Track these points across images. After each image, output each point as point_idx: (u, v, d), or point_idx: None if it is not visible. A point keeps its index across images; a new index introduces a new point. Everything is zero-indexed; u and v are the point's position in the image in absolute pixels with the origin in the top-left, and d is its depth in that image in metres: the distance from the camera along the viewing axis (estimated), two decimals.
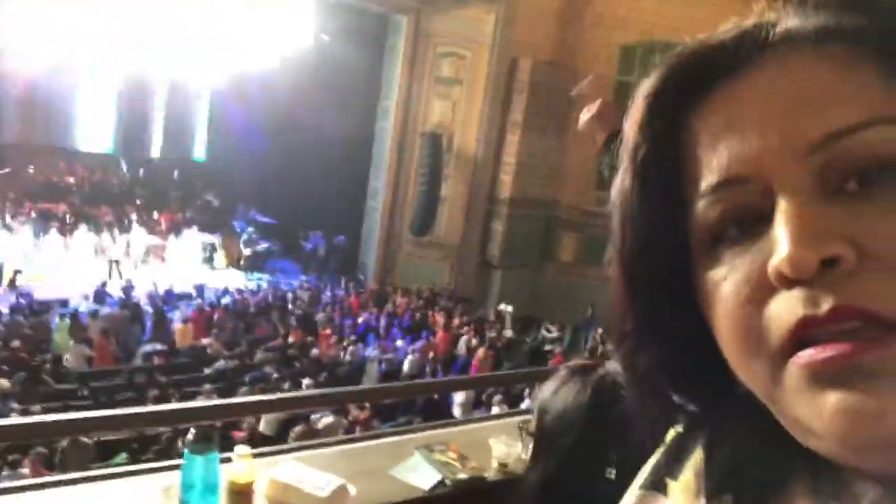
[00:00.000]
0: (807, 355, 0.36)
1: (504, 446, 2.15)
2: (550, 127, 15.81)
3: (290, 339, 11.16)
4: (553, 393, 1.02)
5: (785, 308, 0.37)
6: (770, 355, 0.38)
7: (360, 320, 12.52)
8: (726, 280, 0.41)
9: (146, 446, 6.79)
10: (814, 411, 0.36)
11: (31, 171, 17.88)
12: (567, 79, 15.89)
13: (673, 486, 0.49)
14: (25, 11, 12.67)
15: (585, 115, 1.92)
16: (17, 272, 12.85)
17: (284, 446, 2.58)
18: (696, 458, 0.49)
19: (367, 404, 7.60)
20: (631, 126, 0.46)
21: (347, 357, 10.62)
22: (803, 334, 0.37)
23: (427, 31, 15.27)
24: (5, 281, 12.75)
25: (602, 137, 1.88)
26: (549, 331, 14.06)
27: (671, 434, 0.53)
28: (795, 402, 0.38)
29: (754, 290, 0.39)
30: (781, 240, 0.37)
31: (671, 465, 0.51)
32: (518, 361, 11.21)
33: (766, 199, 0.39)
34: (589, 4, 15.84)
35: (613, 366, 1.08)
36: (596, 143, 1.92)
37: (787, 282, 0.37)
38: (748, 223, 0.40)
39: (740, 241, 0.40)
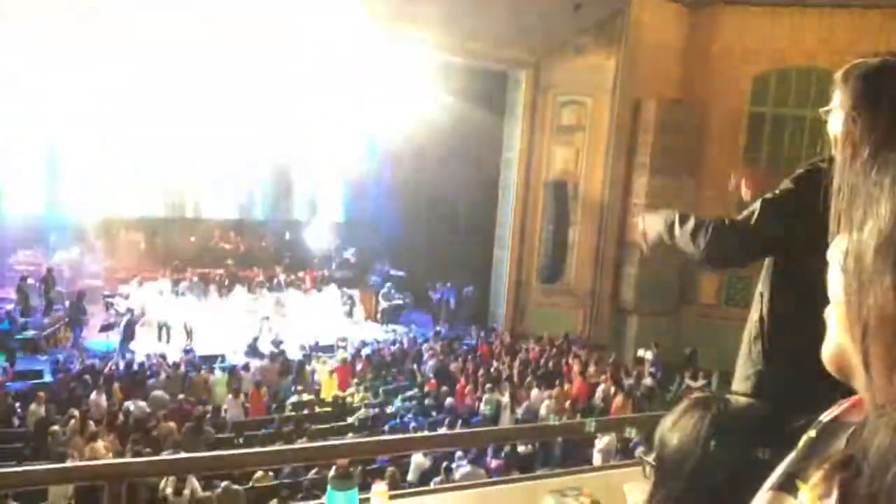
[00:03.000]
0: None
1: (640, 493, 2.09)
2: (680, 166, 15.32)
3: (426, 389, 11.37)
4: (672, 424, 1.03)
5: None
6: None
7: (493, 369, 12.52)
8: None
9: (295, 492, 7.14)
10: None
11: (192, 240, 19.82)
12: (695, 114, 15.43)
13: (804, 488, 0.51)
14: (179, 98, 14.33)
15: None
16: (179, 330, 14.19)
17: (421, 489, 2.66)
18: (831, 461, 0.50)
19: (503, 454, 7.54)
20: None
21: (482, 406, 10.63)
22: None
23: (546, 83, 15.50)
24: (172, 339, 14.10)
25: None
26: (694, 379, 13.32)
27: (804, 439, 0.54)
28: None
29: None
30: None
31: (803, 468, 0.52)
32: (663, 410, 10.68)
33: None
34: (715, 39, 15.40)
35: (735, 398, 1.07)
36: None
37: None
38: None
39: None
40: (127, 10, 11.51)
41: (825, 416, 0.54)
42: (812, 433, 0.54)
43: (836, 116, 1.29)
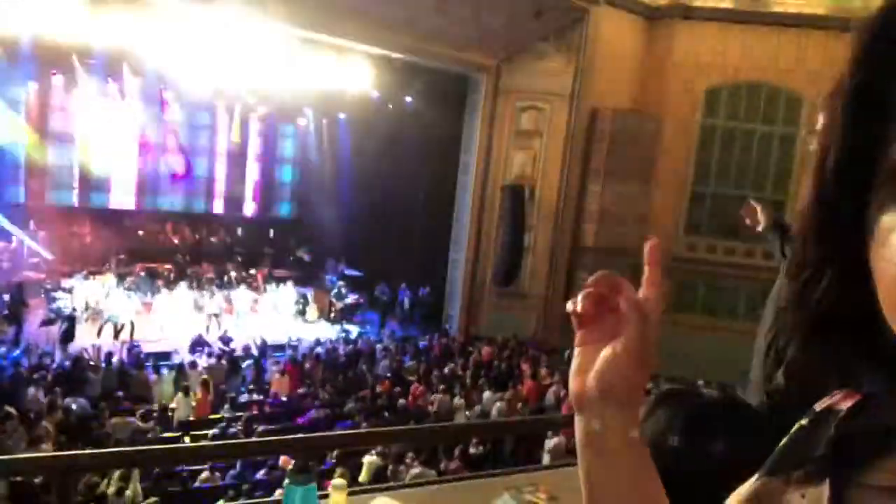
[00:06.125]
0: None
1: None
2: (634, 174, 15.65)
3: (378, 390, 11.31)
4: (644, 418, 1.01)
5: None
6: None
7: (445, 370, 12.53)
8: None
9: (241, 494, 7.01)
10: None
11: (141, 233, 19.25)
12: (649, 125, 15.80)
13: (794, 475, 0.51)
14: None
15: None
16: (122, 326, 13.71)
17: (378, 485, 2.64)
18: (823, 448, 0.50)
19: (457, 454, 7.57)
20: (849, 55, 0.45)
21: (434, 407, 10.63)
22: None
23: (506, 87, 15.62)
24: (116, 335, 13.63)
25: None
26: None
27: (796, 427, 0.54)
28: None
29: None
30: None
31: (795, 455, 0.52)
32: None
33: None
34: (670, 52, 15.80)
35: (708, 391, 1.06)
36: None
37: None
38: None
39: None
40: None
41: (818, 406, 0.54)
42: (804, 422, 0.54)
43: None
